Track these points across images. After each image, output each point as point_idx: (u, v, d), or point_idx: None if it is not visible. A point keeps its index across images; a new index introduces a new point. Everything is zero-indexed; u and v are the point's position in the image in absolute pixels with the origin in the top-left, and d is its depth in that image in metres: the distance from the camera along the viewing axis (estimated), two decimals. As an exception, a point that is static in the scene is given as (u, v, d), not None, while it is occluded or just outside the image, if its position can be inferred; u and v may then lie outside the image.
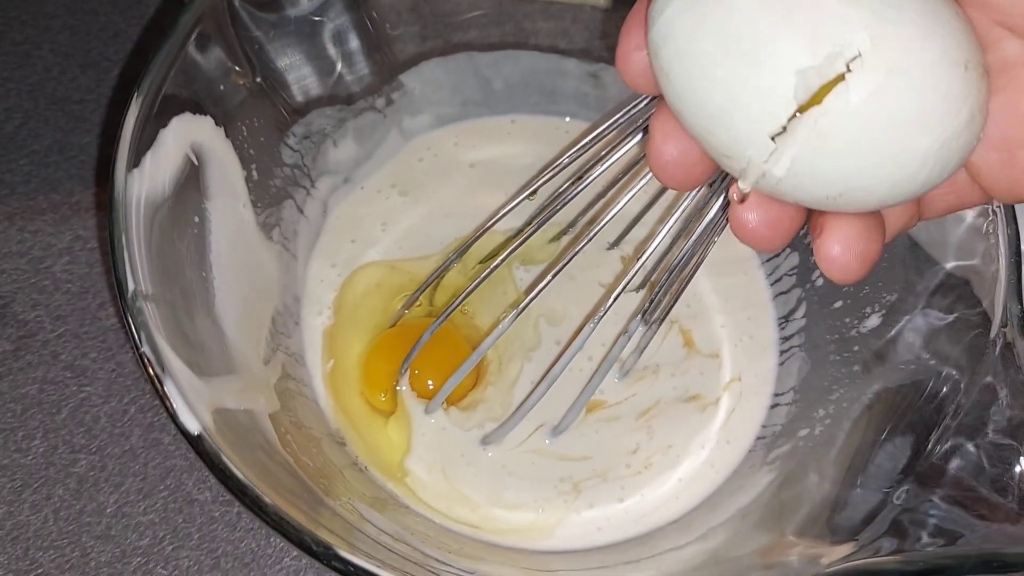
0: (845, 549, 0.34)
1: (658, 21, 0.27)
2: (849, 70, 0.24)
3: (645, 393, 0.48)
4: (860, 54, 0.24)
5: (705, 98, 0.27)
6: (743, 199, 0.29)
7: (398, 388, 0.47)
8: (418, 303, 0.49)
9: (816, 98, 0.25)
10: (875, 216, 0.29)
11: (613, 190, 0.47)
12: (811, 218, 0.30)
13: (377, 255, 0.51)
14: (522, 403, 0.44)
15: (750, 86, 0.26)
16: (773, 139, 0.26)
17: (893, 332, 0.41)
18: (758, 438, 0.47)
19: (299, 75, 0.46)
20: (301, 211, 0.49)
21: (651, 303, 0.41)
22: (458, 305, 0.44)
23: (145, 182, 0.36)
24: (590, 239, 0.40)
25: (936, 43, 0.25)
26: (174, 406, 0.32)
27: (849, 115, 0.25)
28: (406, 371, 0.47)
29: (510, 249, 0.43)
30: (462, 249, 0.46)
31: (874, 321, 0.43)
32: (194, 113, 0.39)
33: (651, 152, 0.30)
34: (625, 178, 0.46)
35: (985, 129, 0.27)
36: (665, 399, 0.48)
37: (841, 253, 0.29)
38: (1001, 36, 0.27)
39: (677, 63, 0.27)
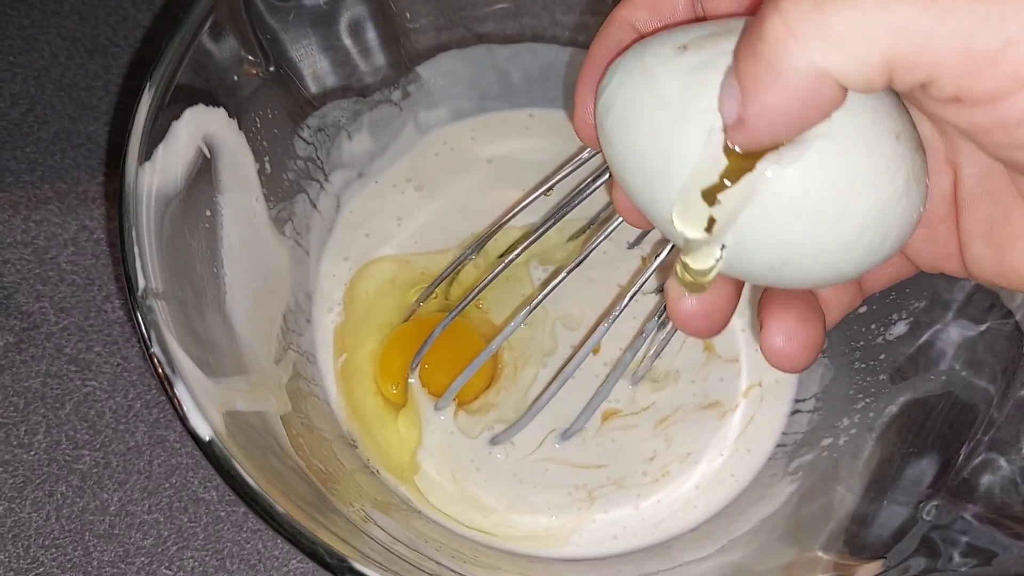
0: (874, 568, 0.33)
1: (603, 95, 0.28)
2: None
3: (665, 401, 0.47)
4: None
5: (642, 161, 0.27)
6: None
7: (410, 381, 0.47)
8: (434, 296, 0.48)
9: (748, 163, 0.25)
10: (813, 302, 0.30)
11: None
12: (756, 314, 0.31)
13: (392, 250, 0.50)
14: (533, 403, 0.43)
15: (680, 147, 0.26)
16: (707, 201, 0.26)
17: (921, 341, 0.40)
18: (778, 445, 0.46)
19: (314, 66, 0.45)
20: (314, 205, 0.48)
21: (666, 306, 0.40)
22: (471, 300, 0.43)
23: (156, 176, 0.35)
24: (606, 236, 0.39)
25: (865, 110, 0.25)
26: (184, 409, 0.31)
27: (783, 180, 0.25)
28: (417, 365, 0.46)
29: (525, 244, 0.42)
30: (478, 244, 0.46)
31: (901, 329, 0.42)
32: (207, 104, 0.38)
33: (617, 198, 0.31)
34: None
35: None
36: (684, 406, 0.47)
37: (785, 343, 0.30)
38: (916, 118, 0.27)
39: (616, 131, 0.28)
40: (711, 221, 0.26)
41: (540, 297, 0.40)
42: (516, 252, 0.42)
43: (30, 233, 0.52)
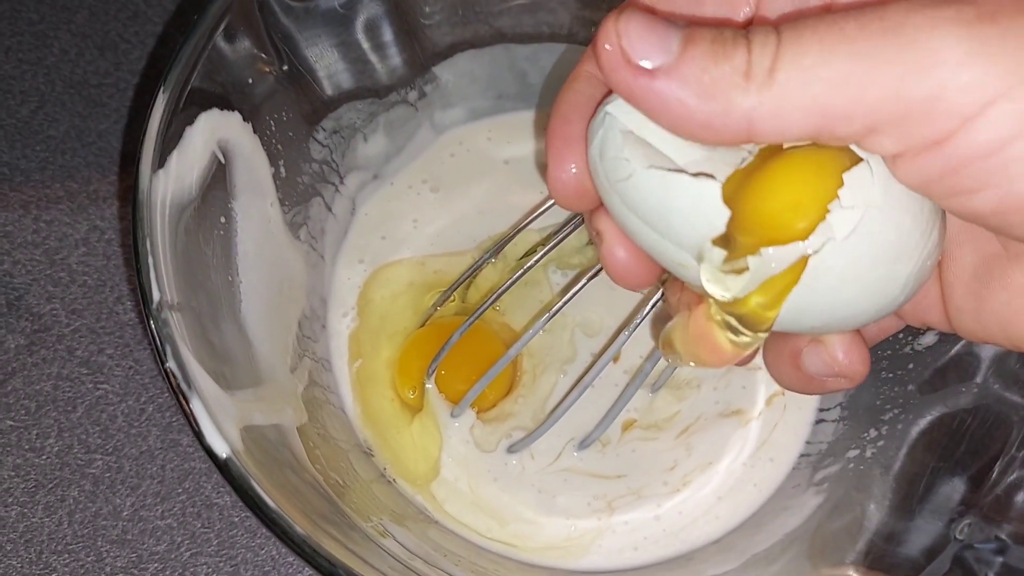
0: (906, 588, 0.32)
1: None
2: (829, 209, 0.24)
3: (687, 410, 0.46)
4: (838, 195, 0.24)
5: (660, 207, 0.26)
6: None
7: (427, 387, 0.46)
8: (451, 299, 0.48)
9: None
10: None
11: None
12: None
13: (408, 252, 0.50)
14: (552, 411, 0.43)
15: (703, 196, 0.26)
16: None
17: (953, 352, 0.39)
18: (802, 455, 0.45)
19: (329, 67, 0.44)
20: (329, 209, 0.47)
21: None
22: (488, 306, 0.42)
23: (171, 183, 0.34)
24: None
25: None
26: (201, 426, 0.31)
27: (834, 253, 0.25)
28: (434, 371, 0.45)
29: (546, 249, 0.42)
30: (497, 248, 0.45)
31: (931, 338, 0.41)
32: (222, 108, 0.38)
33: (603, 254, 0.30)
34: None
35: None
36: (706, 415, 0.46)
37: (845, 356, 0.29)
38: None
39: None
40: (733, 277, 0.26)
41: (559, 306, 0.40)
42: (536, 258, 0.41)
43: (41, 233, 0.52)
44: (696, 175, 0.26)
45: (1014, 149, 0.22)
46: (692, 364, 0.30)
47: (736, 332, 0.27)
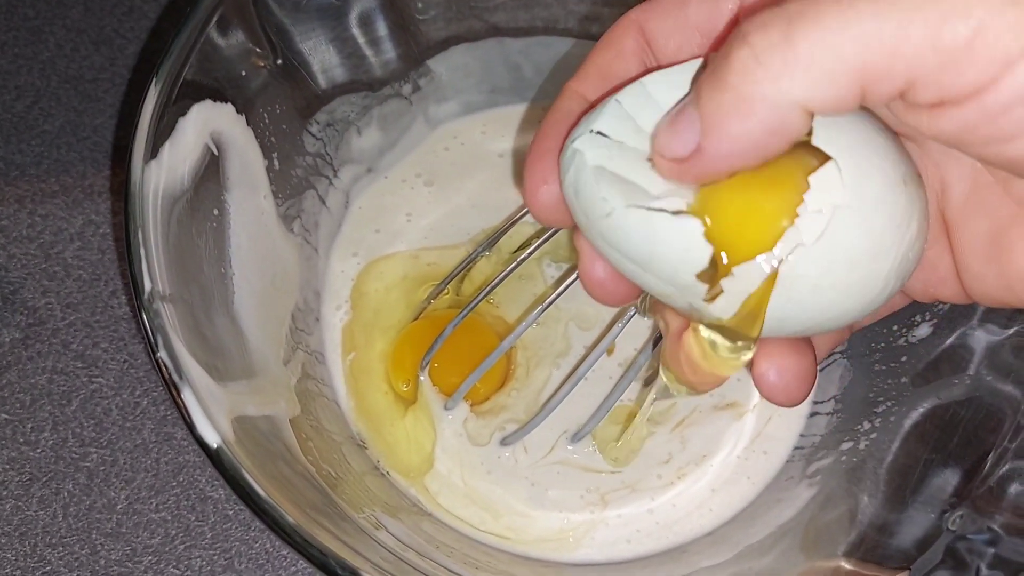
0: (898, 579, 0.32)
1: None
2: (797, 214, 0.24)
3: (683, 403, 0.46)
4: (804, 200, 0.24)
5: (643, 245, 0.26)
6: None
7: (420, 379, 0.46)
8: (445, 292, 0.48)
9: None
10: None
11: None
12: None
13: (402, 246, 0.50)
14: (545, 404, 0.43)
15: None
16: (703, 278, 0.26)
17: (946, 344, 0.39)
18: (796, 448, 0.45)
19: (323, 60, 0.44)
20: (323, 202, 0.47)
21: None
22: (482, 299, 0.42)
23: (163, 174, 0.34)
24: None
25: (875, 171, 0.25)
26: (192, 416, 0.31)
27: (805, 260, 0.24)
28: (428, 364, 0.45)
29: (539, 242, 0.42)
30: (491, 241, 0.45)
31: (924, 331, 0.41)
32: (214, 100, 0.38)
33: (581, 272, 0.30)
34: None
35: None
36: (701, 407, 0.46)
37: (778, 378, 0.28)
38: None
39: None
40: (717, 295, 0.26)
41: (552, 298, 0.40)
42: (529, 251, 0.41)
43: (36, 227, 0.52)
44: (676, 213, 0.25)
45: None
46: (691, 393, 0.30)
47: (727, 350, 0.27)
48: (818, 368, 0.30)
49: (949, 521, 0.34)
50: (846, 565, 0.35)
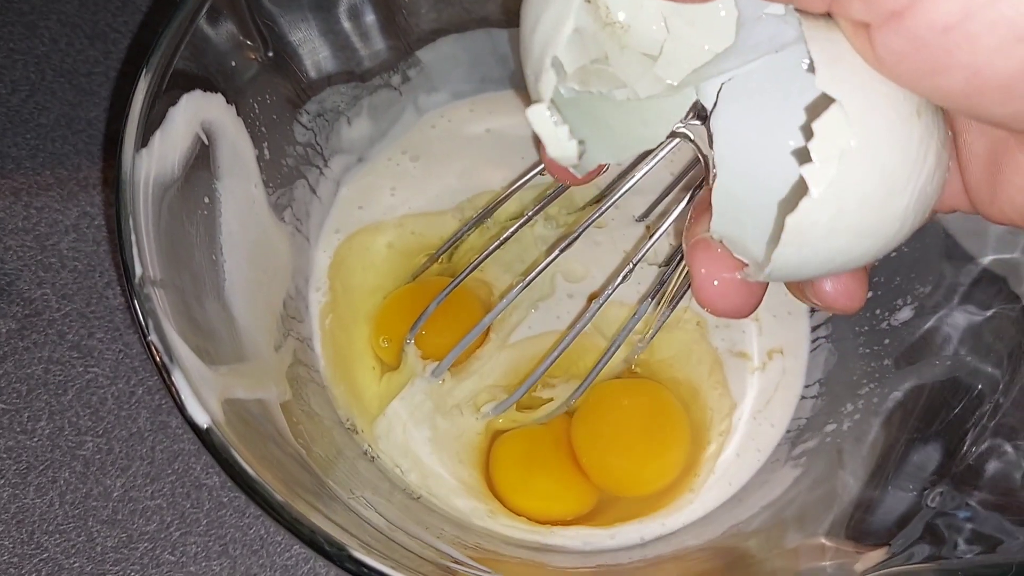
0: (878, 555, 0.32)
1: None
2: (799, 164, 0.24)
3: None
4: (807, 147, 0.24)
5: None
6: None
7: (407, 343, 0.46)
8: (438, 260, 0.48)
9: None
10: None
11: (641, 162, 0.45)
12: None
13: (386, 217, 0.49)
14: (526, 377, 0.43)
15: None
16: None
17: (927, 326, 0.40)
18: (785, 431, 0.45)
19: (313, 50, 0.45)
20: (314, 191, 0.48)
21: (662, 282, 0.41)
22: (471, 271, 0.43)
23: (154, 162, 0.35)
24: (610, 204, 0.38)
25: (885, 106, 0.24)
26: (182, 397, 0.31)
27: (818, 208, 0.24)
28: (415, 331, 0.45)
29: (530, 214, 0.42)
30: (486, 211, 0.45)
31: (906, 314, 0.42)
32: (204, 90, 0.38)
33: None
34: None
35: None
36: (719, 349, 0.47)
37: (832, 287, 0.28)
38: None
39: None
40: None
41: (540, 268, 0.40)
42: (518, 224, 0.42)
43: (31, 219, 0.52)
44: None
45: (975, 23, 0.20)
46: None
47: None
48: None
49: (929, 498, 0.34)
50: (828, 542, 0.36)
